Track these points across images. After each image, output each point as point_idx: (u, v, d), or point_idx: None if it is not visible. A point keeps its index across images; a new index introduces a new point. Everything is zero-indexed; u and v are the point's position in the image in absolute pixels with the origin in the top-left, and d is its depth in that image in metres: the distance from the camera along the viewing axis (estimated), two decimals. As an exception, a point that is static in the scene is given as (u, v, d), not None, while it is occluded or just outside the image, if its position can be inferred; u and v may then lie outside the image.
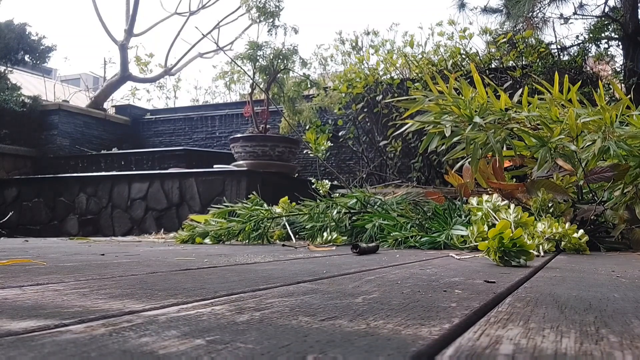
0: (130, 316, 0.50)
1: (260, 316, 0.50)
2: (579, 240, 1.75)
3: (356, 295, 0.67)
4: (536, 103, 2.21)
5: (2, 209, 5.90)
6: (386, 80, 5.72)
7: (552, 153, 2.13)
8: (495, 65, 5.42)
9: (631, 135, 2.03)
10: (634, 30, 4.99)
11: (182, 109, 8.49)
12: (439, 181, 5.22)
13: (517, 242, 1.17)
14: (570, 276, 0.97)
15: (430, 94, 2.27)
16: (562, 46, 5.56)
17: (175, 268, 1.03)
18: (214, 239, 2.33)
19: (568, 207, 2.05)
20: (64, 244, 2.18)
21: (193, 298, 0.62)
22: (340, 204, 2.46)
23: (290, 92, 5.32)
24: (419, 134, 4.97)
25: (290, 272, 0.98)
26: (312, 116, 5.70)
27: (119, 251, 1.64)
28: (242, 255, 1.47)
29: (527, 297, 0.67)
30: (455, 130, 2.18)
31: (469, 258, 1.43)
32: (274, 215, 2.47)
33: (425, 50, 5.79)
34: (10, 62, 7.54)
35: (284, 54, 4.98)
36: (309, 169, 6.98)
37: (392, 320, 0.49)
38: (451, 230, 1.93)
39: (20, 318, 0.48)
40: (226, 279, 0.83)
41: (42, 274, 0.88)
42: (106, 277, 0.85)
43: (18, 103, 6.81)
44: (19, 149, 6.76)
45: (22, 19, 13.62)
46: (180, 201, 4.96)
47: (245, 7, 5.16)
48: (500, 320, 0.51)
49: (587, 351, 0.39)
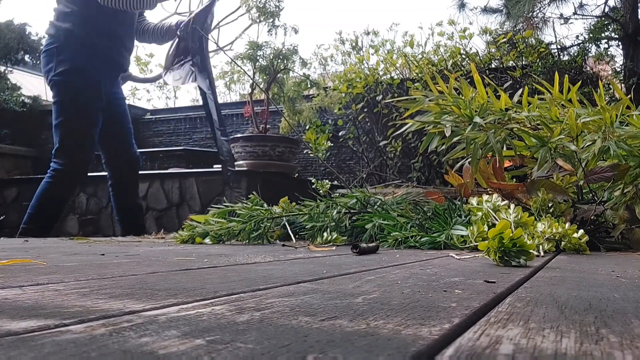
0: (130, 316, 0.50)
1: (261, 316, 0.50)
2: (579, 240, 1.75)
3: (356, 295, 0.67)
4: (536, 103, 2.21)
5: (2, 209, 5.90)
6: (386, 80, 5.72)
7: (552, 153, 2.13)
8: (495, 65, 5.42)
9: (631, 135, 2.03)
10: (634, 30, 4.99)
11: (182, 109, 8.49)
12: (439, 181, 5.22)
13: (517, 242, 1.17)
14: (570, 276, 0.97)
15: (430, 94, 2.27)
16: (562, 46, 5.56)
17: (176, 268, 1.03)
18: (214, 239, 2.33)
19: (568, 207, 2.05)
20: (64, 244, 2.18)
21: (193, 298, 0.62)
22: (340, 204, 2.46)
23: (290, 92, 5.32)
24: (419, 134, 4.97)
25: (291, 272, 0.98)
26: (312, 116, 5.70)
27: (119, 251, 1.64)
28: (242, 255, 1.47)
29: (527, 297, 0.67)
30: (455, 130, 2.18)
31: (469, 258, 1.43)
32: (274, 215, 2.47)
33: (425, 50, 5.80)
34: (10, 62, 7.54)
35: (284, 54, 4.98)
36: (309, 169, 6.98)
37: (392, 320, 0.49)
38: (451, 230, 1.93)
39: (21, 318, 0.48)
40: (226, 279, 0.83)
41: (42, 273, 0.88)
42: (106, 277, 0.85)
43: (18, 103, 6.81)
44: (19, 149, 6.76)
45: (22, 19, 13.62)
46: (180, 201, 4.96)
47: (245, 7, 5.16)
48: (500, 320, 0.51)
49: (587, 351, 0.39)
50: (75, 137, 3.20)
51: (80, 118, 3.20)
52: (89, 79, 3.17)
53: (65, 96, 3.16)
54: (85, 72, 3.16)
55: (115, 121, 3.39)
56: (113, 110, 3.37)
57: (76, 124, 3.18)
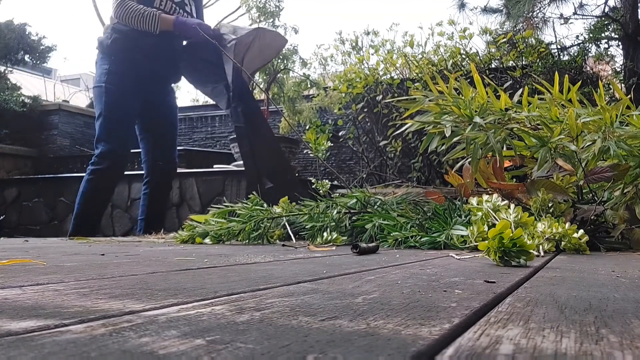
0: (130, 316, 0.50)
1: (261, 316, 0.50)
2: (579, 240, 1.75)
3: (356, 295, 0.67)
4: (536, 103, 2.21)
5: (2, 209, 5.90)
6: (386, 80, 5.72)
7: (552, 153, 2.13)
8: (495, 65, 5.42)
9: (631, 135, 2.03)
10: (634, 30, 4.99)
11: (182, 109, 8.47)
12: (439, 181, 5.22)
13: (517, 242, 1.17)
14: (570, 276, 0.97)
15: (430, 94, 2.27)
16: (562, 46, 5.56)
17: (176, 268, 1.03)
18: (214, 239, 2.33)
19: (568, 207, 2.05)
20: (64, 244, 2.18)
21: (193, 298, 0.62)
22: (340, 204, 2.46)
23: (290, 92, 5.32)
24: (419, 134, 4.97)
25: (291, 272, 0.98)
26: (312, 116, 5.70)
27: (119, 251, 1.64)
28: (242, 255, 1.47)
29: (527, 297, 0.67)
30: (455, 130, 2.18)
31: (469, 258, 1.43)
32: (274, 215, 2.47)
33: (425, 50, 5.79)
34: (10, 62, 7.54)
35: (284, 54, 4.98)
36: (309, 169, 6.98)
37: (392, 320, 0.49)
38: (451, 230, 1.93)
39: (20, 318, 0.48)
40: (226, 279, 0.83)
41: (42, 274, 0.88)
42: (106, 277, 0.85)
43: (18, 103, 6.81)
44: (19, 149, 6.76)
45: (22, 19, 13.64)
46: (180, 201, 4.96)
47: (245, 7, 5.17)
48: (500, 320, 0.51)
49: (587, 351, 0.39)
50: (112, 134, 3.29)
51: (121, 115, 3.32)
52: (128, 87, 3.31)
53: (107, 98, 3.29)
54: (126, 80, 3.30)
55: (161, 124, 3.56)
56: (161, 116, 3.55)
57: (113, 124, 3.29)
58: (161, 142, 3.56)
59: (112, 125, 3.25)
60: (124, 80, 3.28)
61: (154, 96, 3.47)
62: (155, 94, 3.49)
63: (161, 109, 3.56)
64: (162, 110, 3.57)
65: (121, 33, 3.26)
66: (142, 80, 3.34)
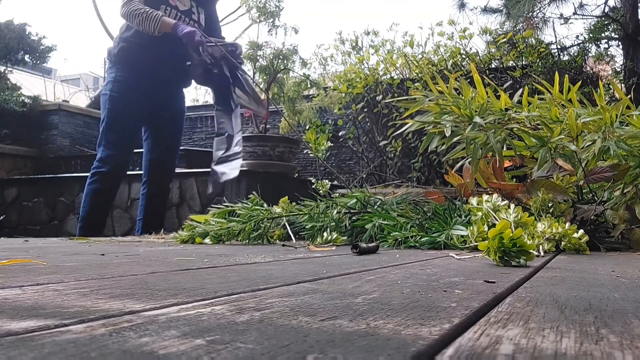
0: (130, 316, 0.50)
1: (261, 316, 0.50)
2: (579, 240, 1.75)
3: (356, 295, 0.67)
4: (536, 103, 2.21)
5: (2, 209, 5.90)
6: (386, 80, 5.72)
7: (552, 153, 2.13)
8: (495, 65, 5.42)
9: (631, 135, 2.03)
10: (634, 30, 4.99)
11: (182, 109, 8.48)
12: (439, 181, 5.22)
13: (517, 242, 1.17)
14: (570, 276, 0.97)
15: (430, 94, 2.27)
16: (562, 46, 5.56)
17: (176, 268, 1.03)
18: (214, 239, 2.33)
19: (568, 207, 2.05)
20: (64, 244, 2.18)
21: (193, 298, 0.62)
22: (340, 204, 2.46)
23: (290, 92, 5.32)
24: (419, 134, 4.97)
25: (290, 272, 0.98)
26: (312, 116, 5.70)
27: (119, 251, 1.64)
28: (242, 255, 1.47)
29: (527, 297, 0.67)
30: (455, 130, 2.18)
31: (469, 258, 1.43)
32: (274, 215, 2.47)
33: (425, 50, 5.79)
34: (10, 62, 7.54)
35: (284, 54, 4.98)
36: (309, 169, 6.98)
37: (392, 320, 0.49)
38: (451, 230, 1.93)
39: (20, 318, 0.48)
40: (226, 279, 0.83)
41: (42, 274, 0.88)
42: (106, 277, 0.85)
43: (18, 103, 6.81)
44: (19, 149, 6.76)
45: (22, 19, 13.64)
46: (180, 201, 4.96)
47: (245, 7, 5.16)
48: (500, 320, 0.51)
49: (587, 351, 0.39)
50: (112, 140, 3.37)
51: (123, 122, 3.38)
52: (133, 95, 3.37)
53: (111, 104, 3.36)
54: (131, 87, 3.36)
55: (167, 128, 3.61)
56: (168, 120, 3.60)
57: (114, 130, 3.36)
58: (164, 145, 3.61)
59: (113, 131, 3.34)
60: (129, 88, 3.34)
61: (164, 101, 3.52)
62: (165, 99, 3.54)
63: (169, 114, 3.61)
64: (170, 114, 3.62)
65: (128, 42, 3.32)
66: (149, 87, 3.39)
